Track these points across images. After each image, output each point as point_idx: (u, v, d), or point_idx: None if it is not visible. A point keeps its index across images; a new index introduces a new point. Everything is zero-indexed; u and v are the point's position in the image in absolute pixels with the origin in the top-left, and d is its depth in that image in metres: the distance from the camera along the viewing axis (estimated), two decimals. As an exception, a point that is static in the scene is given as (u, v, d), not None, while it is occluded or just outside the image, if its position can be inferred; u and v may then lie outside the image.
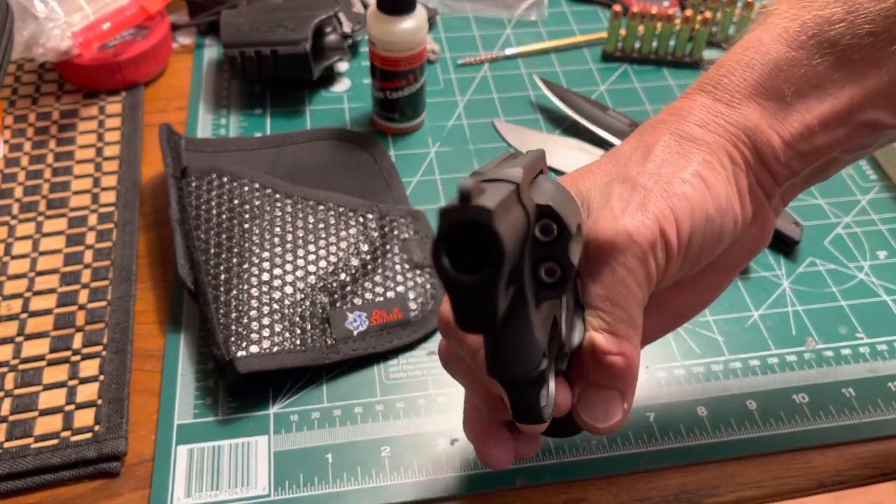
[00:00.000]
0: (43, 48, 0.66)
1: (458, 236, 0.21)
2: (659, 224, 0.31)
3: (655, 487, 0.48)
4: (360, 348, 0.53)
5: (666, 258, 0.32)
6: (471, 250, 0.21)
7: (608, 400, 0.32)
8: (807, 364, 0.54)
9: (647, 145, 0.34)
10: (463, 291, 0.21)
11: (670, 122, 0.34)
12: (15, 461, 0.47)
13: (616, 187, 0.33)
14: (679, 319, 0.39)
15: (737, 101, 0.34)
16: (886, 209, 0.65)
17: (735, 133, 0.34)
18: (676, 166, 0.32)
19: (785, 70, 0.33)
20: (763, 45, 0.34)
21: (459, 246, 0.21)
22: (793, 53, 0.33)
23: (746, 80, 0.34)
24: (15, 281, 0.57)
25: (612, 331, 0.31)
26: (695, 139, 0.33)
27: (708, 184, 0.32)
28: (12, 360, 0.53)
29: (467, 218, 0.20)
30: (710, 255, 0.34)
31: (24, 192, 0.63)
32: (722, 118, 0.34)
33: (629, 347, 0.32)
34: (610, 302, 0.31)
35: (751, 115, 0.34)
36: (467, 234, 0.21)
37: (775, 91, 0.34)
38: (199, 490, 0.47)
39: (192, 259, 0.55)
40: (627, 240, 0.31)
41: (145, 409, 0.51)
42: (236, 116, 0.71)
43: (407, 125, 0.69)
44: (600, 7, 0.85)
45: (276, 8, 0.72)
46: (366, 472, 0.48)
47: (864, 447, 0.50)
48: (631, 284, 0.31)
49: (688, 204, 0.32)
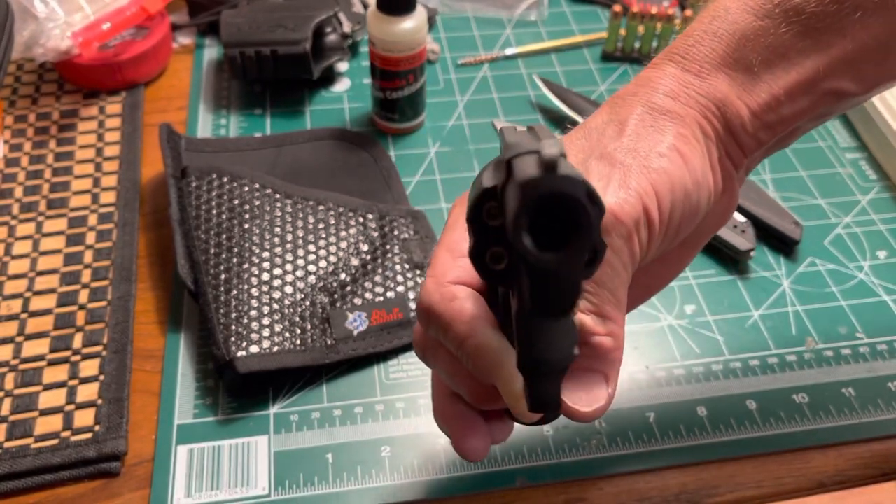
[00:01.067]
0: (43, 48, 0.66)
1: (541, 211, 0.19)
2: (642, 201, 0.30)
3: (655, 487, 0.48)
4: (360, 348, 0.53)
5: (648, 236, 0.31)
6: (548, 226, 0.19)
7: (593, 383, 0.31)
8: (807, 364, 0.54)
9: (620, 119, 0.33)
10: (546, 272, 0.19)
11: (640, 94, 0.34)
12: (15, 461, 0.47)
13: (593, 164, 0.32)
14: (647, 294, 0.39)
15: (706, 72, 0.33)
16: (886, 209, 0.65)
17: (705, 105, 0.33)
18: (652, 140, 0.32)
19: (752, 40, 0.33)
20: (730, 13, 0.34)
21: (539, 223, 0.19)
22: (759, 23, 0.33)
23: (715, 50, 0.33)
24: (15, 281, 0.57)
25: (599, 312, 0.31)
26: (667, 111, 0.33)
27: (685, 157, 0.32)
28: (12, 360, 0.53)
29: (556, 190, 0.18)
30: (687, 230, 0.34)
31: (24, 192, 0.63)
32: (692, 89, 0.33)
33: (616, 328, 0.31)
34: (596, 283, 0.31)
35: (720, 86, 0.33)
36: (549, 209, 0.19)
37: (743, 62, 0.33)
38: (199, 490, 0.47)
39: (192, 259, 0.55)
40: (612, 219, 0.30)
41: (145, 409, 0.51)
42: (236, 116, 0.71)
43: (407, 125, 0.69)
44: (600, 7, 0.85)
45: (276, 8, 0.72)
46: (366, 472, 0.48)
47: (864, 447, 0.50)
48: (616, 265, 0.31)
49: (667, 179, 0.31)
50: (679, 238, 0.34)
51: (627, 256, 0.31)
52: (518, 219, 0.19)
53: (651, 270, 0.37)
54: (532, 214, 0.19)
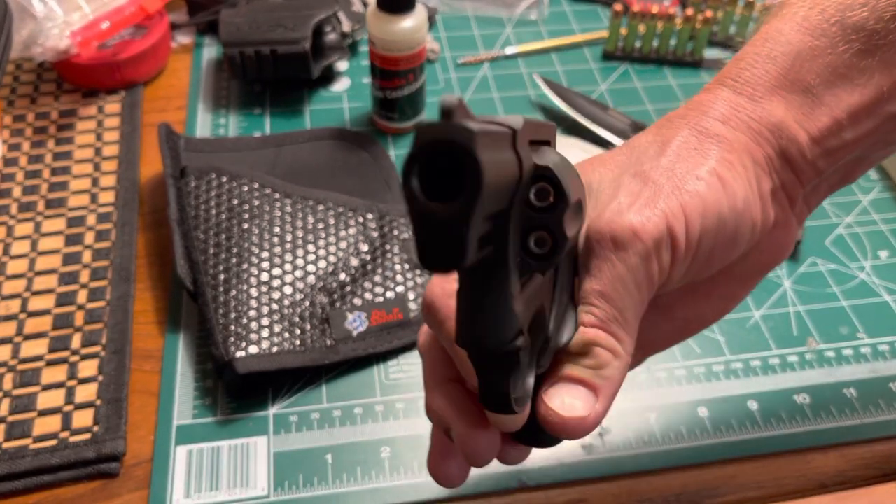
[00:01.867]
0: (41, 48, 0.66)
1: (434, 160, 0.19)
2: (667, 221, 0.29)
3: (656, 488, 0.48)
4: (359, 349, 0.53)
5: (672, 259, 0.30)
6: (446, 179, 0.19)
7: (580, 393, 0.29)
8: (808, 364, 0.54)
9: (664, 139, 0.32)
10: (431, 221, 0.19)
11: (690, 117, 0.32)
12: (13, 462, 0.47)
13: (626, 180, 0.31)
14: (690, 328, 0.36)
15: (759, 95, 0.32)
16: (887, 209, 0.65)
17: (758, 130, 0.32)
18: (692, 163, 0.31)
19: (809, 60, 0.31)
20: (783, 34, 0.32)
21: (434, 173, 0.19)
22: (816, 42, 0.32)
23: (769, 72, 0.32)
24: (13, 281, 0.57)
25: (603, 328, 0.29)
26: (715, 135, 0.31)
27: (724, 183, 0.30)
28: (11, 361, 0.52)
29: (446, 137, 0.18)
30: (722, 261, 0.32)
31: (22, 192, 0.63)
32: (745, 113, 0.32)
33: (616, 346, 0.30)
34: (604, 299, 0.29)
35: (775, 110, 0.32)
36: (444, 159, 0.18)
37: (800, 83, 0.32)
38: (199, 491, 0.47)
39: (191, 259, 0.55)
40: (631, 235, 0.29)
41: (144, 409, 0.51)
42: (236, 116, 0.71)
43: (407, 124, 0.69)
44: (601, 6, 0.85)
45: (275, 7, 0.72)
46: (365, 473, 0.48)
47: (865, 448, 0.50)
48: (629, 283, 0.29)
49: (700, 203, 0.30)
50: (712, 267, 0.32)
51: (643, 276, 0.29)
52: (408, 163, 0.19)
53: (694, 305, 0.35)
54: (422, 160, 0.19)
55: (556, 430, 0.29)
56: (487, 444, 0.31)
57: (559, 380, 0.30)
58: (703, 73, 0.77)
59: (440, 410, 0.31)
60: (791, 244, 0.35)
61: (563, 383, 0.29)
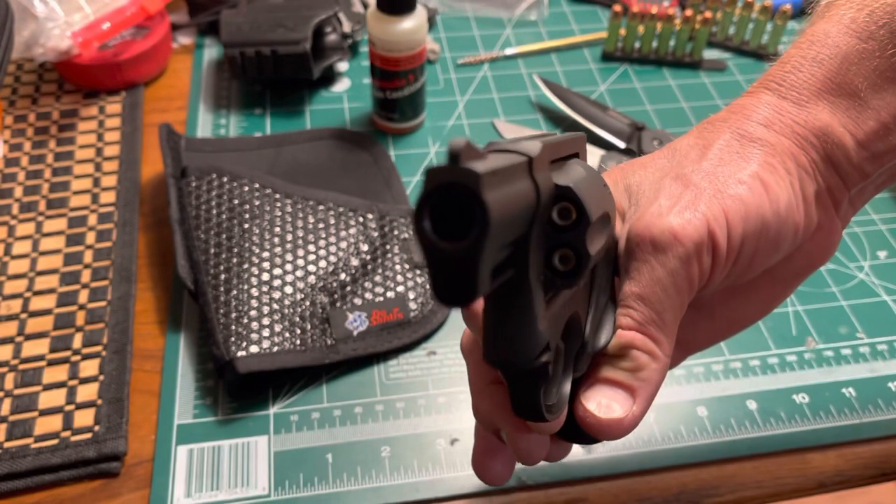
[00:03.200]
0: (43, 48, 0.66)
1: (444, 200, 0.19)
2: (708, 225, 0.29)
3: (655, 488, 0.48)
4: (360, 348, 0.53)
5: (713, 262, 0.30)
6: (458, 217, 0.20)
7: (617, 395, 0.29)
8: (807, 364, 0.54)
9: (706, 143, 0.32)
10: (441, 259, 0.20)
11: (732, 121, 0.32)
12: (15, 461, 0.47)
13: (667, 183, 0.31)
14: (731, 328, 0.36)
15: (805, 99, 0.31)
16: (887, 209, 0.65)
17: (803, 134, 0.31)
18: (734, 166, 0.30)
19: (856, 64, 0.31)
20: (830, 37, 0.32)
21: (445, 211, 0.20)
22: (863, 45, 0.31)
23: (815, 75, 0.31)
24: (15, 281, 0.57)
25: (641, 331, 0.29)
26: (757, 139, 0.31)
27: (767, 187, 0.30)
28: (12, 360, 0.53)
29: (452, 180, 0.19)
30: (763, 264, 0.32)
31: (23, 192, 0.63)
32: (789, 117, 0.31)
33: (654, 348, 0.29)
34: (642, 301, 0.29)
35: (821, 114, 0.31)
36: (453, 199, 0.19)
37: (847, 87, 0.31)
38: (199, 490, 0.47)
39: (192, 259, 0.55)
40: (671, 238, 0.29)
41: (145, 409, 0.51)
42: (236, 116, 0.71)
43: (407, 125, 0.69)
44: (600, 7, 0.85)
45: (276, 7, 0.72)
46: (366, 473, 0.48)
47: (864, 447, 0.50)
48: (668, 286, 0.29)
49: (742, 207, 0.29)
50: (754, 270, 0.32)
51: (683, 279, 0.29)
52: (420, 206, 0.20)
53: (735, 305, 0.35)
54: (432, 202, 0.20)
55: (593, 432, 0.29)
56: (538, 444, 0.31)
57: (596, 382, 0.30)
58: (702, 74, 0.77)
59: (488, 413, 0.31)
60: (835, 246, 0.34)
61: (600, 385, 0.30)
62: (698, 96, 0.75)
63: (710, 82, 0.76)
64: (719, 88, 0.76)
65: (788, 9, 0.75)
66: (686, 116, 0.73)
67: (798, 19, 0.81)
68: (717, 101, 0.74)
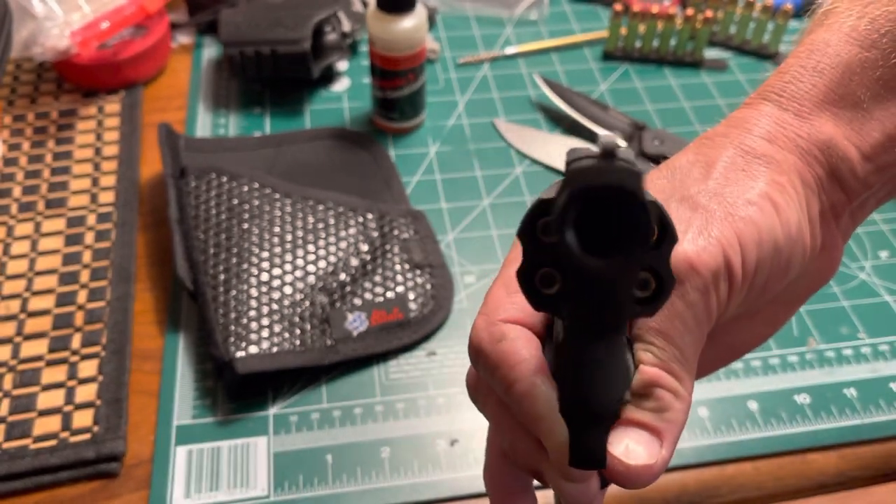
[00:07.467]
0: (42, 47, 0.66)
1: (593, 207, 0.16)
2: (723, 251, 0.27)
3: (656, 488, 0.48)
4: (359, 349, 0.53)
5: (729, 291, 0.28)
6: (593, 229, 0.16)
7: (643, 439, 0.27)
8: (808, 364, 0.54)
9: (708, 160, 0.30)
10: (591, 281, 0.16)
11: (733, 136, 0.30)
12: (13, 462, 0.47)
13: (673, 206, 0.29)
14: (733, 355, 0.35)
15: (807, 111, 0.30)
16: (888, 209, 0.65)
17: (807, 148, 0.30)
18: (742, 186, 0.29)
19: (859, 73, 0.30)
20: (830, 46, 0.31)
21: (583, 222, 0.16)
22: (866, 54, 0.30)
23: (816, 86, 0.30)
24: (13, 281, 0.57)
25: (665, 368, 0.27)
26: (762, 156, 0.30)
27: (778, 208, 0.28)
28: (11, 361, 0.52)
29: (611, 182, 0.15)
30: (774, 290, 0.30)
31: (22, 192, 0.63)
32: (791, 130, 0.30)
33: (679, 387, 0.28)
34: (663, 336, 0.27)
35: (824, 126, 0.30)
36: (604, 206, 0.16)
37: (850, 98, 0.30)
38: (199, 491, 0.47)
39: (191, 259, 0.55)
40: (688, 268, 0.27)
41: (144, 409, 0.51)
42: (236, 116, 0.71)
43: (407, 124, 0.69)
44: (601, 6, 0.85)
45: (275, 7, 0.72)
46: (365, 474, 0.48)
47: (865, 448, 0.50)
48: (689, 319, 0.27)
49: (755, 230, 0.28)
50: (764, 298, 0.30)
51: (702, 311, 0.27)
52: (563, 214, 0.16)
53: (737, 331, 0.33)
54: (579, 209, 0.16)
55: (621, 479, 0.27)
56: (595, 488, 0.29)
57: (619, 423, 0.27)
58: (703, 74, 0.77)
59: (527, 457, 0.29)
60: (837, 264, 0.33)
61: (625, 427, 0.27)
62: (699, 96, 0.75)
63: (712, 82, 0.76)
64: (720, 88, 0.75)
65: (790, 8, 0.75)
66: (687, 116, 0.72)
67: (799, 18, 0.81)
68: (718, 100, 0.74)
